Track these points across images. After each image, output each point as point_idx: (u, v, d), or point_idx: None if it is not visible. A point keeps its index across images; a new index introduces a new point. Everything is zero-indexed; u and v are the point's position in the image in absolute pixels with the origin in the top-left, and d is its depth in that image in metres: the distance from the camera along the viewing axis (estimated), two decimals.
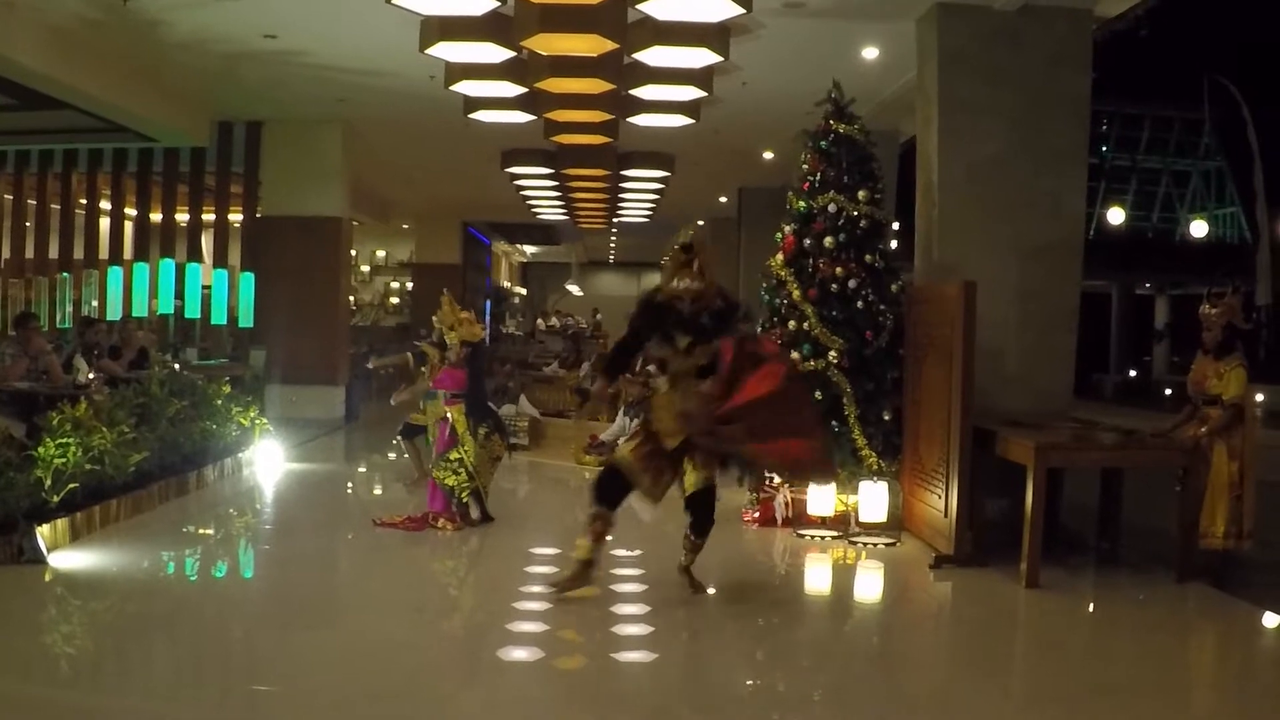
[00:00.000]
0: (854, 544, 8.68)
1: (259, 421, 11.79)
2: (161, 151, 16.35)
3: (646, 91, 11.56)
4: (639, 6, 8.97)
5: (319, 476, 11.93)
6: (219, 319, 16.55)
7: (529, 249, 41.08)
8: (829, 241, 9.28)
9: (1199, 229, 36.20)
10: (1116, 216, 34.30)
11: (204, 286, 16.45)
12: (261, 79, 13.33)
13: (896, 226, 13.93)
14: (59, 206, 17.52)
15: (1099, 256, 25.82)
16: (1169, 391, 27.51)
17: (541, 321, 34.23)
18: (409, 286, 30.90)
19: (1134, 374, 36.64)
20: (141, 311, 16.25)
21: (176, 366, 13.34)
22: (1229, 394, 7.71)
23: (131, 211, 17.36)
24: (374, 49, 11.76)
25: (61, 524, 7.80)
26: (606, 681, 5.72)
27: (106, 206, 17.66)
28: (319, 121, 15.78)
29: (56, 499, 7.89)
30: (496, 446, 9.09)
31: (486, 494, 9.09)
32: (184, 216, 17.25)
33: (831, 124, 9.61)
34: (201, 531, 9.08)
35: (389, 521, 8.99)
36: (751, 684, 5.83)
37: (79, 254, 17.31)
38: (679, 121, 13.09)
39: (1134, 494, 8.73)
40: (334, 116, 15.55)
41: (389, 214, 26.27)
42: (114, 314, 15.98)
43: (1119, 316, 39.46)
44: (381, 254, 32.75)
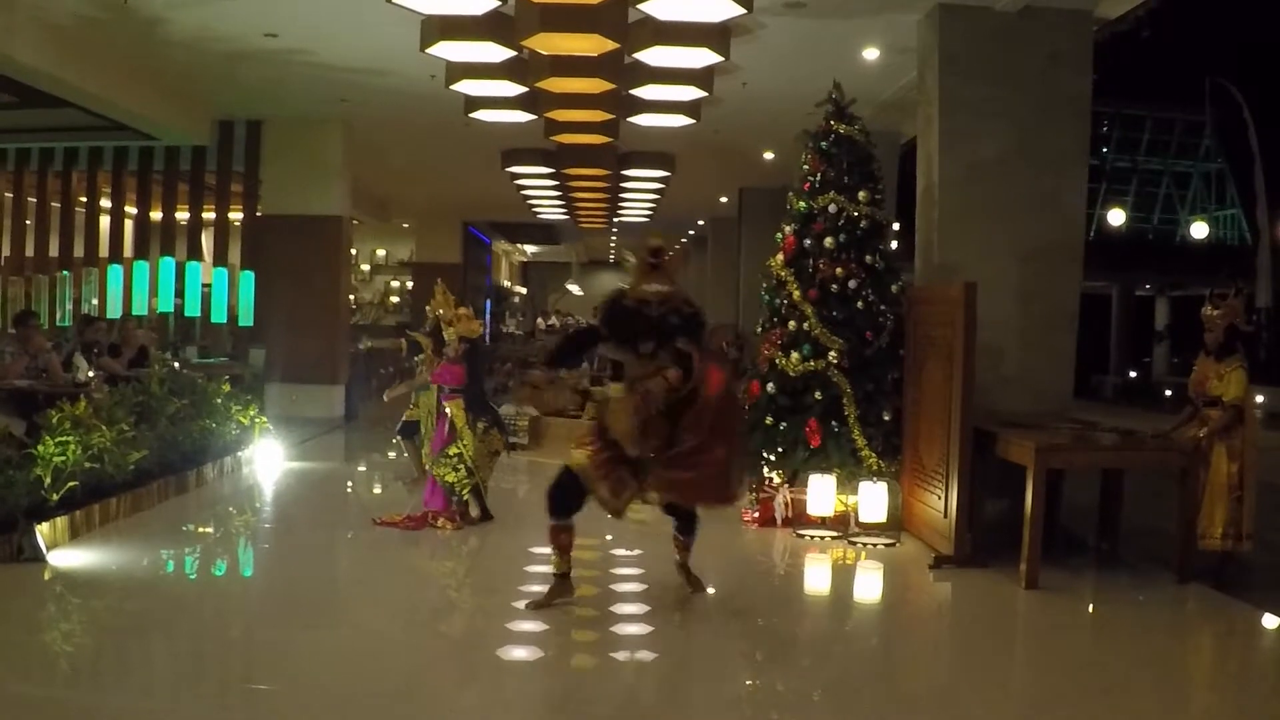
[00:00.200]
0: (854, 544, 8.67)
1: (259, 420, 11.79)
2: (162, 150, 16.34)
3: (647, 91, 11.55)
4: (639, 6, 8.96)
5: (318, 475, 11.93)
6: (219, 317, 16.52)
7: (529, 248, 41.12)
8: (829, 242, 9.28)
9: (1199, 230, 36.22)
10: (1117, 218, 34.34)
11: (204, 285, 16.43)
12: (262, 78, 13.32)
13: (897, 227, 13.93)
14: (59, 204, 17.50)
15: (1099, 258, 25.85)
16: (1169, 393, 27.51)
17: (542, 321, 34.29)
18: (409, 285, 30.89)
19: (1134, 375, 36.65)
20: (141, 310, 16.21)
21: (176, 365, 13.35)
22: (1229, 395, 7.73)
23: (132, 210, 17.34)
24: (375, 48, 11.76)
25: (61, 522, 7.80)
26: (607, 681, 5.72)
27: (107, 204, 17.64)
28: (320, 120, 15.77)
29: (56, 497, 7.88)
30: (495, 441, 9.09)
31: (486, 490, 9.10)
32: (184, 215, 17.24)
33: (832, 124, 9.61)
34: (201, 530, 9.08)
35: (388, 521, 8.99)
36: (751, 684, 5.83)
37: (79, 252, 17.28)
38: (679, 121, 13.07)
39: (1134, 495, 8.73)
40: (335, 115, 15.55)
41: (389, 213, 26.29)
42: (114, 312, 15.93)
43: (1119, 317, 39.50)
44: (382, 253, 32.74)
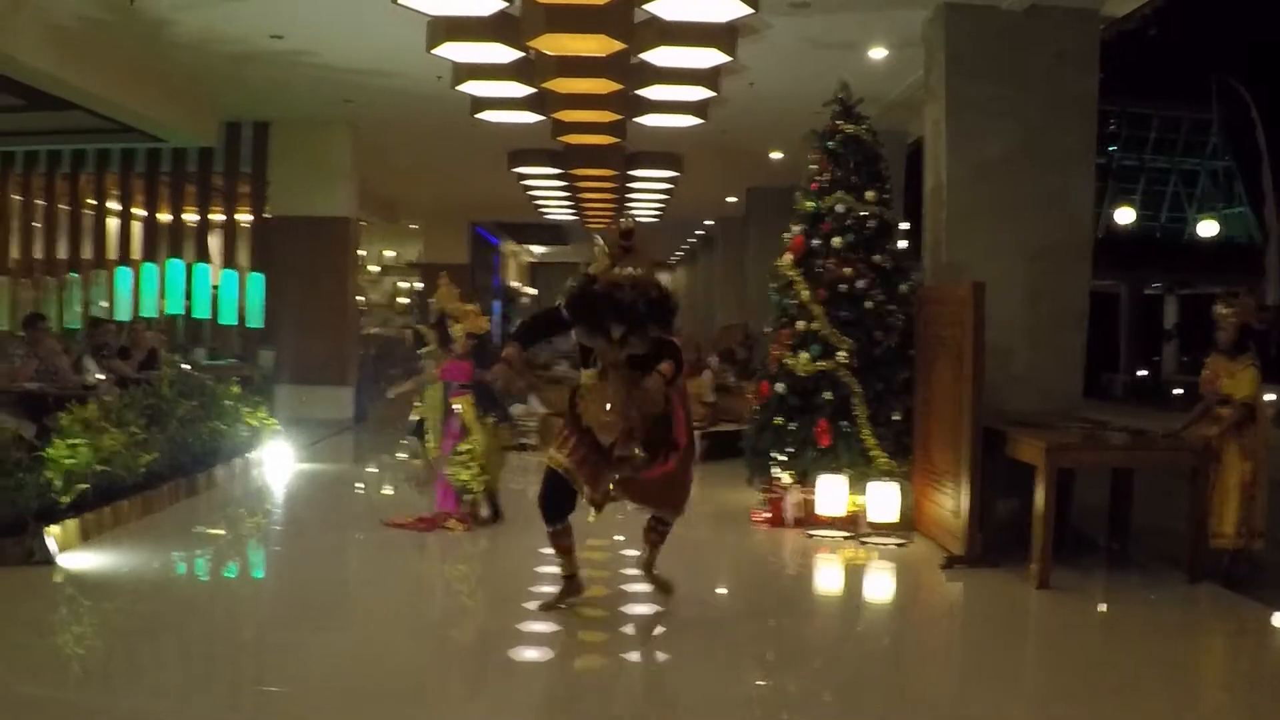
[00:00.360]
0: (864, 545, 8.66)
1: (268, 422, 11.82)
2: (169, 152, 16.38)
3: (654, 92, 11.55)
4: (646, 7, 8.96)
5: (328, 477, 11.95)
6: (228, 319, 16.53)
7: (537, 249, 41.11)
8: (837, 242, 9.28)
9: (1207, 229, 36.06)
10: (1125, 216, 34.20)
11: (213, 287, 16.44)
12: (269, 79, 13.34)
13: (905, 227, 13.93)
14: (67, 207, 17.54)
15: (1107, 256, 25.78)
16: (1178, 391, 27.43)
17: None
18: (418, 286, 30.91)
19: (1143, 374, 36.54)
20: (150, 312, 16.22)
21: (186, 367, 13.36)
22: (1241, 393, 7.71)
23: (140, 212, 17.39)
24: (380, 49, 11.76)
25: (71, 525, 7.81)
26: (618, 681, 5.72)
27: (115, 207, 17.67)
28: (326, 122, 15.80)
29: (66, 500, 7.88)
30: (505, 435, 9.08)
31: (497, 486, 9.09)
32: (192, 217, 17.27)
33: (839, 124, 9.61)
34: (212, 532, 9.07)
35: (399, 522, 9.00)
36: (762, 684, 5.82)
37: (87, 254, 17.35)
38: (687, 122, 13.08)
39: (1144, 494, 8.71)
40: (341, 117, 15.57)
41: (397, 214, 26.28)
42: (123, 314, 15.97)
43: (1128, 316, 39.37)
44: (390, 254, 32.77)
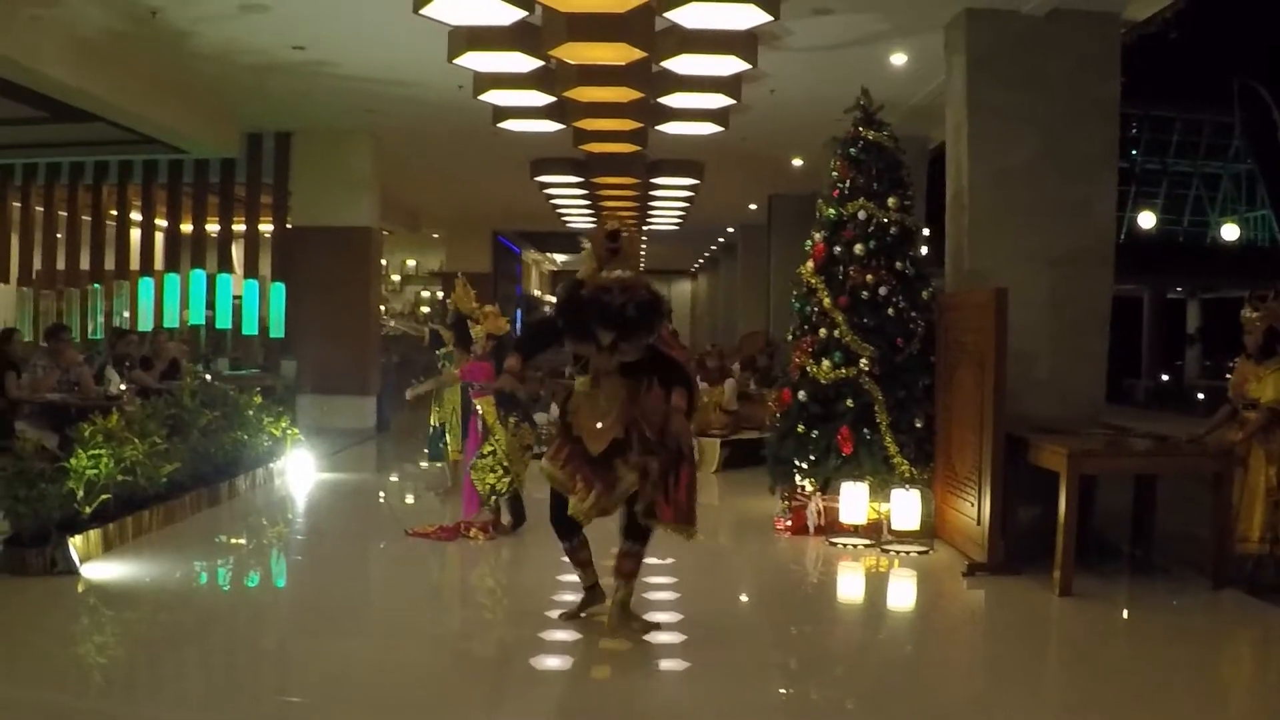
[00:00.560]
0: (886, 552, 8.63)
1: (290, 431, 11.86)
2: (192, 163, 16.46)
3: (675, 99, 11.54)
4: (667, 15, 8.96)
5: (350, 486, 11.97)
6: (250, 329, 16.62)
7: (559, 257, 41.19)
8: (859, 249, 9.25)
9: (1230, 232, 35.95)
10: (1147, 220, 34.15)
11: (235, 297, 16.53)
12: (290, 90, 13.40)
13: (927, 233, 13.88)
14: (90, 218, 17.64)
15: (1130, 260, 25.57)
16: (1201, 396, 27.29)
17: None
18: (440, 295, 30.99)
19: (1166, 378, 36.39)
20: (173, 322, 16.31)
21: (208, 377, 13.41)
22: (1267, 397, 7.64)
23: (162, 223, 17.49)
24: (402, 59, 11.80)
25: (94, 535, 7.83)
26: (640, 690, 5.69)
27: (137, 218, 17.79)
28: (348, 132, 15.85)
29: (89, 510, 7.91)
30: (526, 435, 9.05)
31: (521, 488, 9.05)
32: (214, 227, 17.32)
33: (861, 131, 9.58)
34: (234, 541, 9.11)
35: (421, 531, 9.01)
36: (785, 693, 5.80)
37: (110, 265, 17.43)
38: (708, 129, 13.07)
39: (1167, 500, 8.65)
40: (363, 127, 15.62)
41: (419, 223, 26.36)
42: (145, 325, 16.05)
43: (1150, 320, 39.22)
44: (412, 263, 32.87)
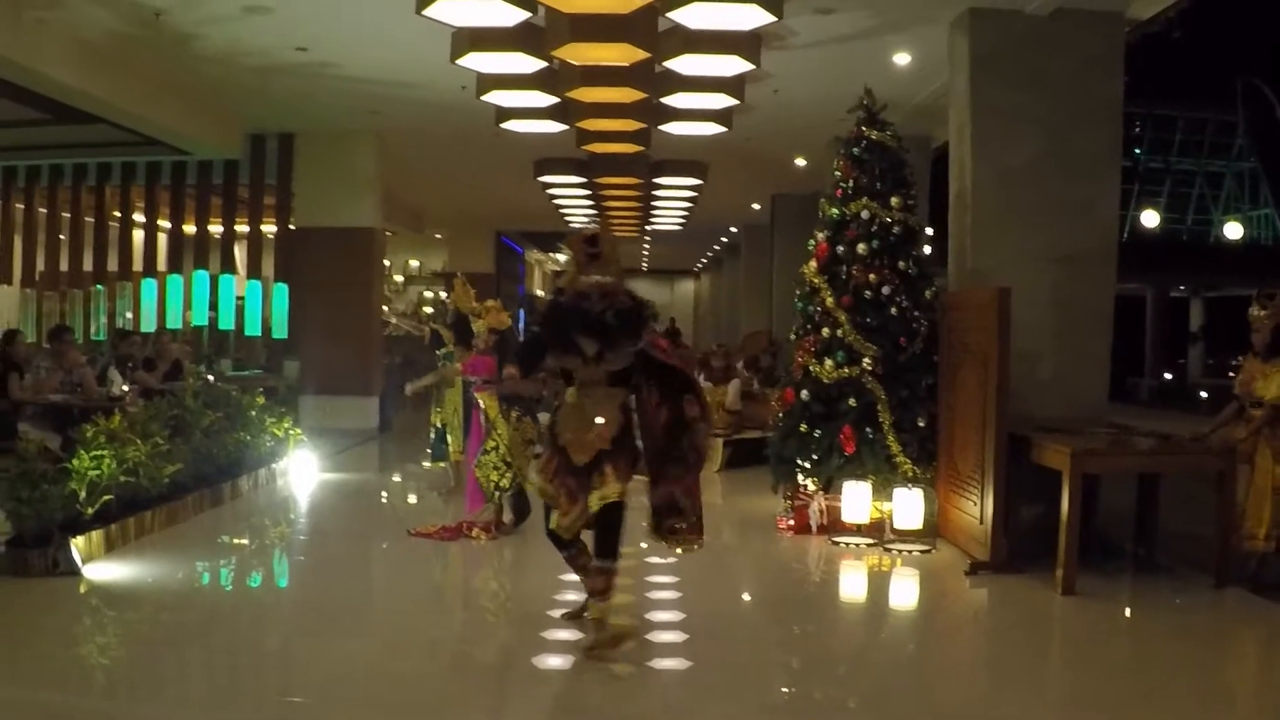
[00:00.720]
0: (889, 551, 8.62)
1: (293, 432, 11.85)
2: (195, 164, 16.48)
3: (678, 100, 11.54)
4: (670, 15, 8.96)
5: (353, 486, 11.97)
6: (253, 330, 16.63)
7: (562, 257, 41.18)
8: (862, 248, 9.24)
9: (1233, 231, 35.89)
10: (1150, 219, 34.10)
11: (238, 298, 16.54)
12: (293, 91, 13.40)
13: (930, 232, 13.86)
14: (93, 219, 17.68)
15: (1133, 259, 25.61)
16: (1204, 395, 27.27)
17: None
18: (443, 295, 31.00)
19: (1169, 377, 36.35)
20: (176, 323, 16.32)
21: (211, 378, 13.42)
22: (1271, 395, 7.63)
23: (165, 224, 17.50)
24: (405, 60, 11.79)
25: (96, 536, 7.83)
26: (642, 689, 5.69)
27: (140, 219, 17.80)
28: (351, 133, 15.84)
29: (91, 511, 7.91)
30: (528, 429, 9.04)
31: (525, 479, 8.97)
32: (217, 228, 17.38)
33: (864, 130, 9.57)
34: (236, 542, 9.11)
35: (423, 531, 9.01)
36: (787, 692, 5.80)
37: (113, 266, 17.45)
38: (711, 129, 13.06)
39: (1170, 499, 8.63)
40: (366, 128, 15.62)
41: (422, 224, 26.34)
42: (148, 326, 16.06)
43: (1154, 319, 39.18)
44: (415, 263, 32.85)
